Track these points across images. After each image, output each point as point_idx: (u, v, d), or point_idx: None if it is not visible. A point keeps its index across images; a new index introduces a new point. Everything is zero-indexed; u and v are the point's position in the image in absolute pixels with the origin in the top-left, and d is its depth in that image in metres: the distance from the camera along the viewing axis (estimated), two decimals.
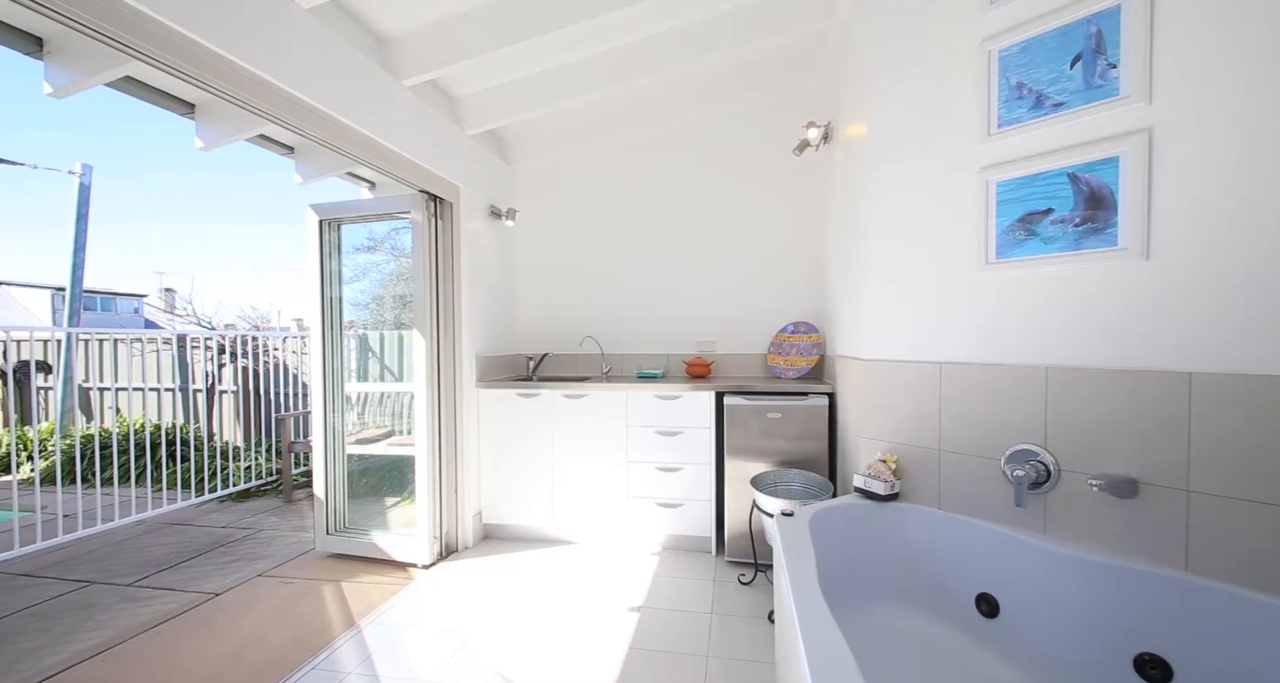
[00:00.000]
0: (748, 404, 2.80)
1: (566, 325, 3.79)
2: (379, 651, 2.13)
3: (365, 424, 3.61)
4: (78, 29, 1.46)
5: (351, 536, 3.10)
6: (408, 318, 3.44)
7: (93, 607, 2.53)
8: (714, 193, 3.56)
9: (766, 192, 3.46)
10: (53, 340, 6.37)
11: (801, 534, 1.70)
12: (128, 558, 3.12)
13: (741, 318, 3.51)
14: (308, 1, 2.00)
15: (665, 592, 2.58)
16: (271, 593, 2.64)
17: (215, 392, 5.64)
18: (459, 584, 2.71)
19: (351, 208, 3.14)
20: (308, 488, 4.48)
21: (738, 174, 3.51)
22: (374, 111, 2.44)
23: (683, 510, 2.99)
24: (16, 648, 2.18)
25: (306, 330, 5.88)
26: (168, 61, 1.65)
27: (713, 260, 3.56)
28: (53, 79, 2.09)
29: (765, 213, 3.47)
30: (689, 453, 2.97)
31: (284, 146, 3.25)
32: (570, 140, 3.70)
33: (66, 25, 1.44)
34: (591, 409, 3.09)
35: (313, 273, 3.15)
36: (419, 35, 2.52)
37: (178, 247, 39.30)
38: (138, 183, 40.87)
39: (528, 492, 3.21)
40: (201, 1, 1.69)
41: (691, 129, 3.58)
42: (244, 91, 1.89)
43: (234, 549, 3.24)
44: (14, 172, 6.11)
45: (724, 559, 2.90)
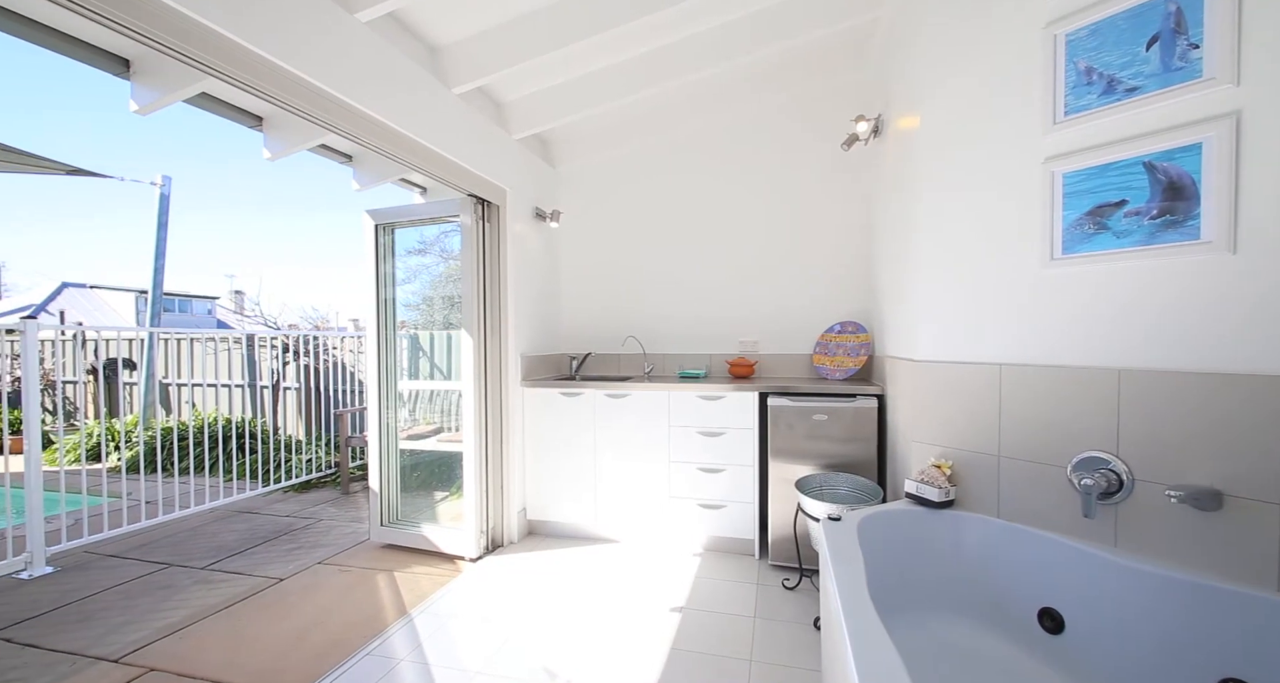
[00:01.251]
0: (792, 405, 2.75)
1: (609, 325, 3.82)
2: (429, 639, 2.21)
3: (416, 421, 3.75)
4: (161, 50, 1.57)
5: (403, 527, 3.22)
6: (456, 318, 3.55)
7: (171, 587, 2.72)
8: (757, 190, 3.51)
9: (812, 188, 3.39)
10: (137, 340, 6.89)
11: (849, 540, 1.65)
12: (202, 543, 3.34)
13: (785, 318, 3.45)
14: (366, 15, 2.09)
15: (707, 593, 2.57)
16: (330, 580, 2.78)
17: (280, 388, 5.97)
18: (504, 578, 2.77)
19: (404, 212, 3.26)
20: (363, 481, 4.68)
21: (781, 171, 3.45)
22: (426, 119, 2.52)
23: (725, 512, 2.96)
24: (106, 623, 2.37)
25: (362, 330, 6.15)
26: (240, 77, 1.76)
27: (756, 259, 3.51)
28: (138, 98, 2.26)
29: (811, 210, 3.40)
30: (731, 454, 2.94)
31: (343, 155, 3.41)
32: (612, 141, 3.73)
33: (151, 47, 1.56)
34: (633, 409, 3.10)
35: (368, 276, 3.29)
36: (467, 44, 2.60)
37: (247, 251, 42.25)
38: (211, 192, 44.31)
39: (571, 490, 3.25)
40: (270, 19, 1.79)
41: (733, 127, 3.54)
42: (308, 104, 1.99)
43: (296, 537, 3.42)
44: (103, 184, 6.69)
45: (767, 563, 2.86)
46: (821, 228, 3.37)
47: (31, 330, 3.00)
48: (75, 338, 6.69)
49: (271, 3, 1.80)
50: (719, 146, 3.58)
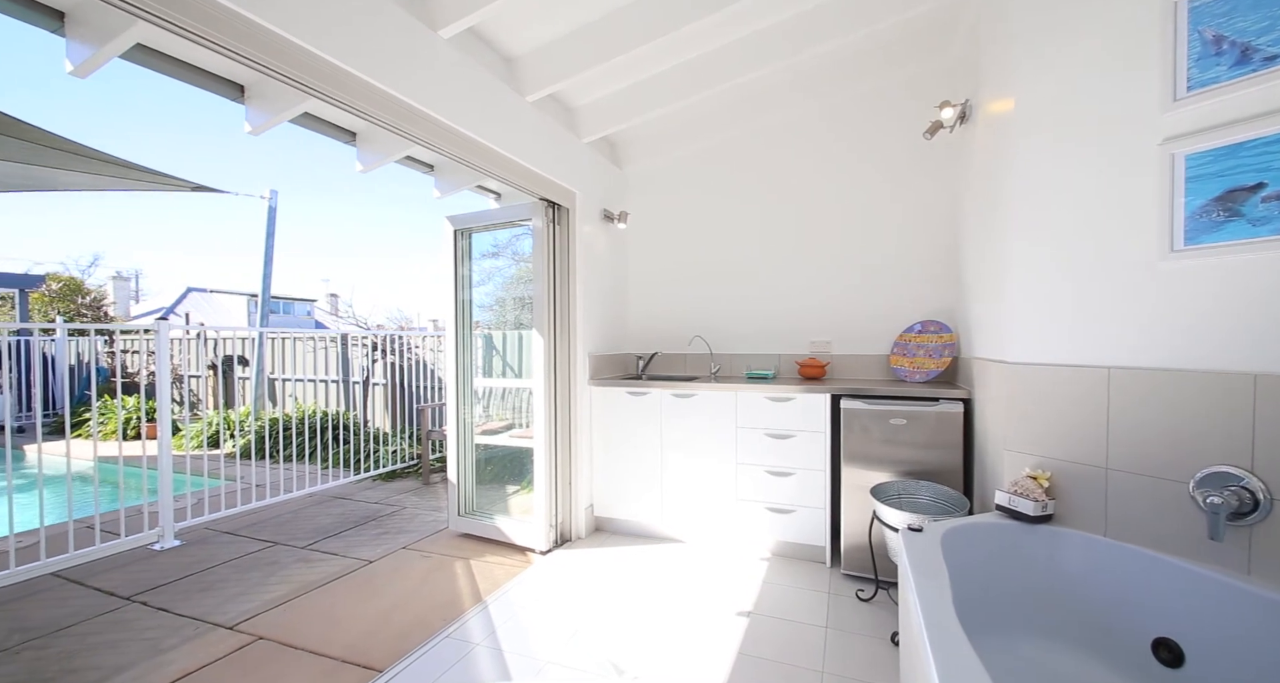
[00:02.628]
0: (867, 409, 2.63)
1: (675, 325, 3.82)
2: (503, 626, 2.30)
3: (490, 417, 3.92)
4: (271, 75, 1.74)
5: (478, 518, 3.37)
6: (526, 319, 3.68)
7: (276, 564, 2.99)
8: (829, 185, 3.39)
9: (889, 181, 3.23)
10: (249, 339, 7.63)
11: (932, 553, 1.56)
12: (302, 524, 3.65)
13: (860, 317, 3.31)
14: (448, 32, 2.21)
15: (775, 599, 2.51)
16: (413, 564, 2.95)
17: (369, 384, 6.42)
18: (573, 572, 2.83)
19: (480, 218, 3.41)
20: (442, 472, 4.94)
21: (856, 164, 3.31)
22: (502, 127, 2.63)
23: (794, 517, 2.88)
24: (222, 593, 2.64)
25: (441, 330, 6.50)
26: (338, 96, 1.91)
27: (829, 256, 3.39)
28: (251, 119, 2.50)
29: (888, 203, 3.24)
30: (801, 457, 2.85)
31: (425, 165, 3.62)
32: (679, 141, 3.72)
33: (264, 73, 1.72)
34: (700, 409, 3.09)
35: (447, 278, 3.47)
36: (539, 52, 2.68)
37: (340, 256, 46.16)
38: (310, 203, 48.72)
39: (636, 488, 3.28)
40: (365, 41, 1.93)
41: (805, 120, 3.44)
42: (397, 118, 2.12)
43: (383, 523, 3.66)
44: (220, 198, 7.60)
45: (839, 571, 2.75)
46: (900, 222, 3.21)
47: (164, 331, 3.39)
48: (198, 337, 7.50)
49: (366, 26, 1.93)
50: (789, 141, 3.49)
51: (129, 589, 2.67)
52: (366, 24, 1.94)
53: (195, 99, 57.65)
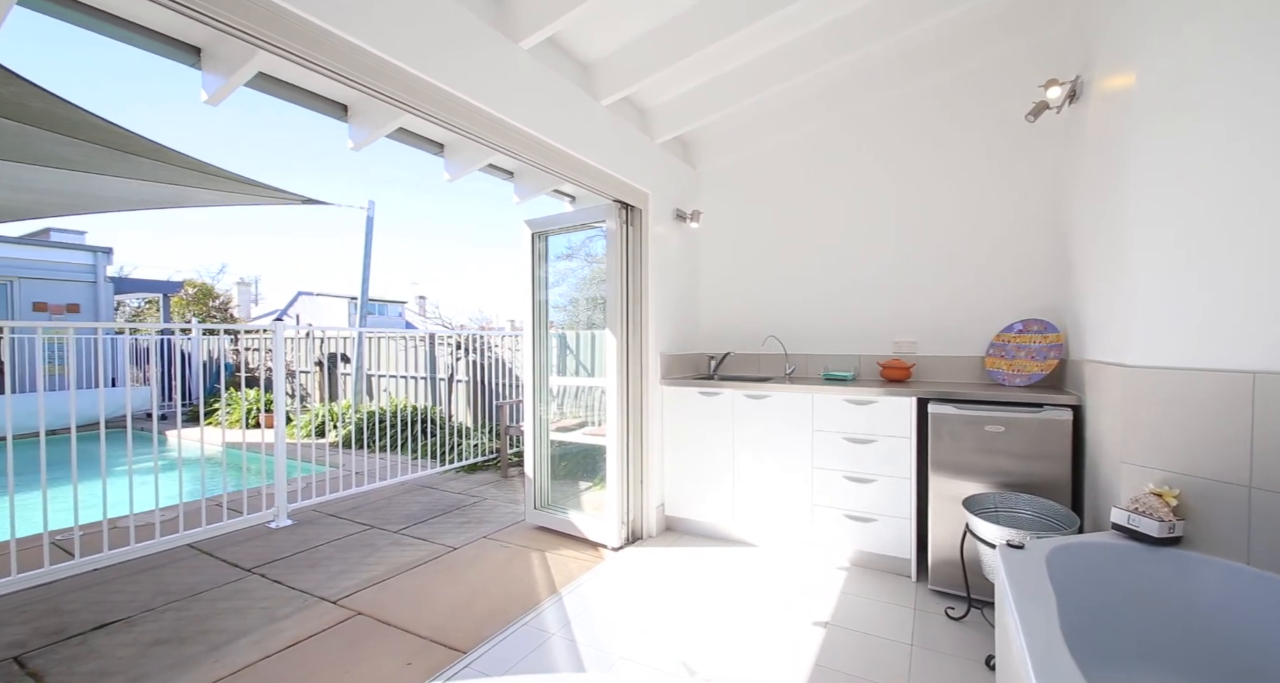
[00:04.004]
0: (959, 414, 2.46)
1: (748, 325, 3.74)
2: (576, 619, 2.35)
3: (563, 414, 4.03)
4: (372, 94, 1.87)
5: (553, 512, 3.48)
6: (598, 319, 3.75)
7: (372, 546, 3.23)
8: (915, 176, 3.19)
9: (984, 169, 3.00)
10: (350, 338, 8.29)
11: (1036, 573, 1.43)
12: (395, 511, 3.92)
13: (950, 316, 3.09)
14: (528, 43, 2.29)
15: (855, 611, 2.40)
16: (493, 553, 3.09)
17: (453, 381, 6.80)
18: (644, 570, 2.85)
19: (556, 221, 3.52)
20: (519, 466, 5.14)
21: (945, 153, 3.10)
22: (578, 132, 2.69)
23: (876, 526, 2.74)
24: (327, 570, 2.89)
25: (519, 330, 6.76)
26: (431, 112, 2.03)
27: (914, 252, 3.20)
28: (354, 136, 2.72)
29: (983, 193, 3.00)
30: (883, 464, 2.71)
31: (506, 172, 3.78)
32: (753, 136, 3.65)
33: (364, 92, 1.86)
34: (774, 411, 3.01)
35: (524, 280, 3.60)
36: (614, 57, 2.72)
37: (427, 260, 49.50)
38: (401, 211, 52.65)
39: (708, 489, 3.25)
40: (454, 58, 2.04)
41: (885, 110, 3.26)
42: (482, 129, 2.23)
43: (466, 513, 3.86)
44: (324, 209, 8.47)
45: (925, 586, 2.59)
46: (996, 214, 2.97)
47: (279, 331, 3.76)
48: (307, 336, 8.26)
49: (456, 44, 2.04)
50: (870, 131, 3.32)
51: (250, 562, 2.99)
52: (456, 42, 2.05)
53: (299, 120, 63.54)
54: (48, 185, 3.55)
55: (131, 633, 2.25)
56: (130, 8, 1.92)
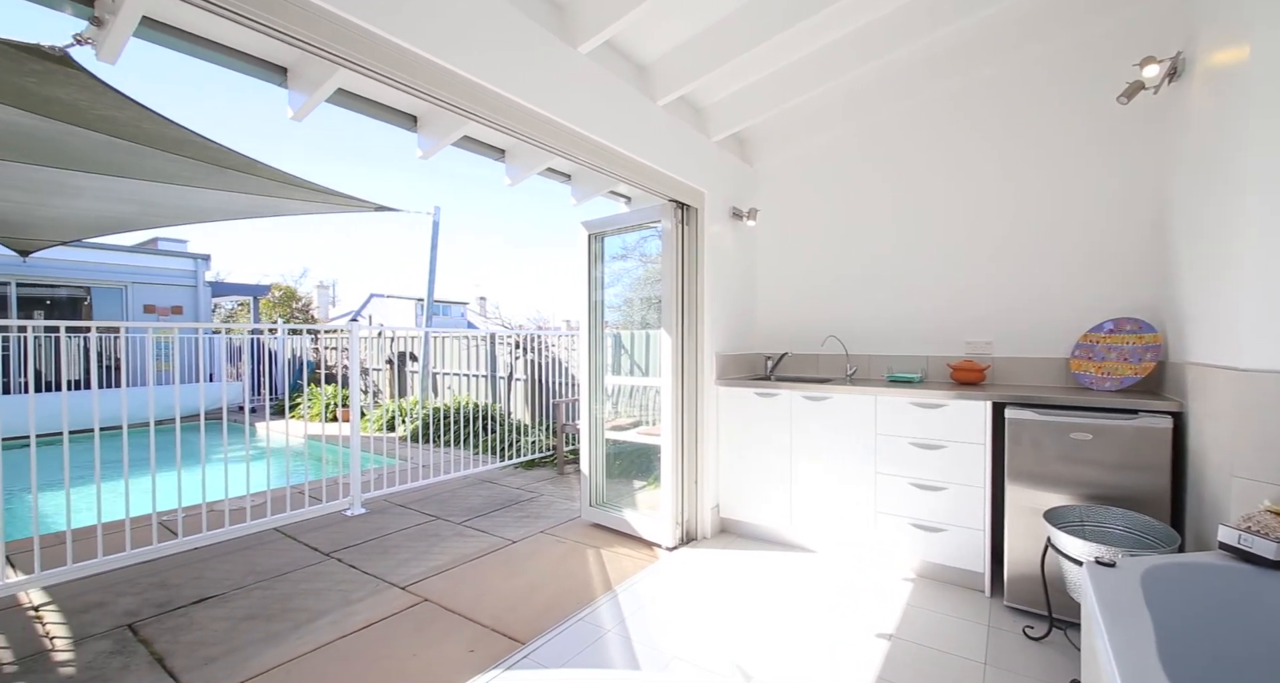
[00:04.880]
0: (1040, 420, 2.29)
1: (807, 324, 3.65)
2: (631, 616, 2.37)
3: (618, 413, 4.06)
4: (440, 104, 1.96)
5: (608, 510, 3.51)
6: (652, 319, 3.75)
7: (437, 536, 3.38)
8: (988, 167, 3.01)
9: (1070, 157, 2.78)
10: (417, 338, 8.70)
11: (1130, 595, 1.32)
12: (458, 503, 4.08)
13: (1029, 314, 2.89)
14: (586, 47, 2.33)
15: (922, 625, 2.28)
16: (550, 548, 3.16)
17: (512, 379, 7.01)
18: (699, 571, 2.83)
19: (612, 222, 3.55)
20: (575, 464, 5.23)
21: (1020, 140, 2.90)
22: (635, 133, 2.71)
23: (945, 537, 2.60)
24: (396, 557, 3.05)
25: (575, 330, 6.87)
26: (495, 119, 2.11)
27: (990, 246, 3.01)
28: (423, 145, 2.85)
29: (1068, 184, 2.79)
30: (954, 471, 2.57)
31: (563, 175, 3.86)
32: (814, 129, 3.54)
33: (433, 103, 1.95)
34: (834, 413, 2.91)
35: (580, 281, 3.66)
36: (669, 57, 2.72)
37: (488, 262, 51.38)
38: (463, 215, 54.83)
39: (764, 492, 3.19)
40: (516, 66, 2.10)
41: (952, 98, 3.08)
42: (541, 133, 2.29)
43: (524, 507, 3.96)
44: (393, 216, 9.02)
45: (1001, 602, 2.43)
46: (1084, 204, 2.75)
47: (354, 331, 3.99)
48: (379, 336, 8.74)
49: (518, 52, 2.10)
50: (937, 121, 3.16)
51: (328, 547, 3.19)
52: (519, 50, 2.11)
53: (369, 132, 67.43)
54: (157, 198, 3.92)
55: (226, 608, 2.46)
56: (231, 35, 2.10)
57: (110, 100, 2.23)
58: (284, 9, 1.49)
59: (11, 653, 2.09)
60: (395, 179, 60.44)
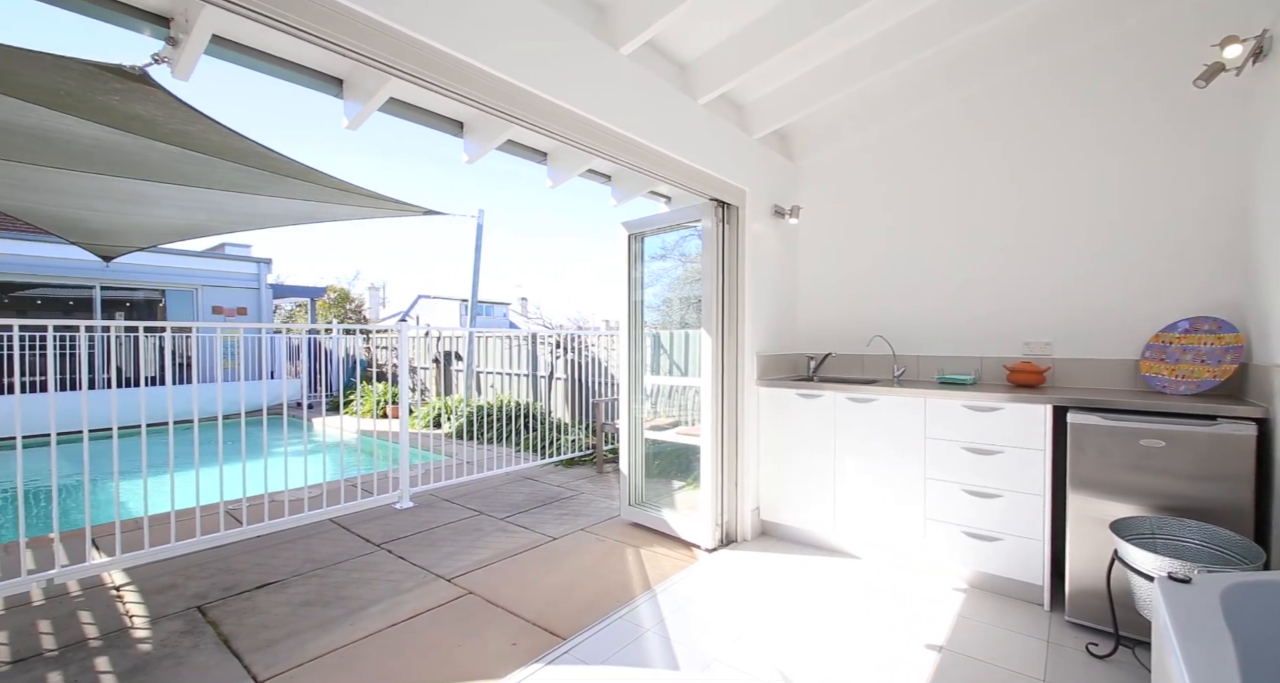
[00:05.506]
0: (1107, 425, 2.16)
1: (852, 324, 3.55)
2: (670, 617, 2.36)
3: (657, 413, 4.06)
4: (486, 110, 2.01)
5: (647, 510, 3.52)
6: (691, 318, 3.74)
7: (481, 531, 3.46)
8: (1047, 157, 2.85)
9: (1141, 145, 2.61)
10: (462, 337, 8.94)
11: (1207, 613, 1.22)
12: (500, 499, 4.17)
13: (1094, 313, 2.73)
14: (628, 48, 2.34)
15: (974, 638, 2.19)
16: (590, 546, 3.19)
17: (552, 378, 7.11)
18: (739, 573, 2.80)
19: (652, 222, 3.56)
20: (614, 463, 5.26)
21: (1085, 127, 2.74)
22: (675, 132, 2.70)
23: (1000, 546, 2.48)
24: (442, 550, 3.14)
25: (614, 330, 6.92)
26: (538, 123, 2.14)
27: (1050, 241, 2.86)
28: (469, 150, 2.93)
29: (1136, 173, 2.62)
30: (1010, 478, 2.45)
31: (604, 176, 3.88)
32: (860, 125, 3.45)
33: (479, 109, 2.00)
34: (880, 415, 2.83)
35: (620, 281, 3.68)
36: (710, 55, 2.70)
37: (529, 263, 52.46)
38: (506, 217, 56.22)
39: (806, 495, 3.12)
40: (559, 70, 2.13)
41: (1009, 87, 2.94)
42: (584, 135, 2.31)
43: (564, 505, 4.02)
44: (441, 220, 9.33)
45: (1061, 617, 2.30)
46: (1158, 194, 2.58)
47: (404, 331, 4.14)
48: (426, 336, 9.03)
49: (561, 56, 2.13)
50: (997, 110, 3.02)
51: (379, 538, 3.32)
52: (561, 53, 2.14)
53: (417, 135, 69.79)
54: (224, 206, 4.17)
55: (285, 593, 2.59)
56: (292, 49, 2.21)
57: (183, 115, 2.39)
58: (342, 23, 1.56)
59: (97, 629, 2.27)
60: (438, 179, 62.35)
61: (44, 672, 1.97)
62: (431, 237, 53.77)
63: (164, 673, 1.98)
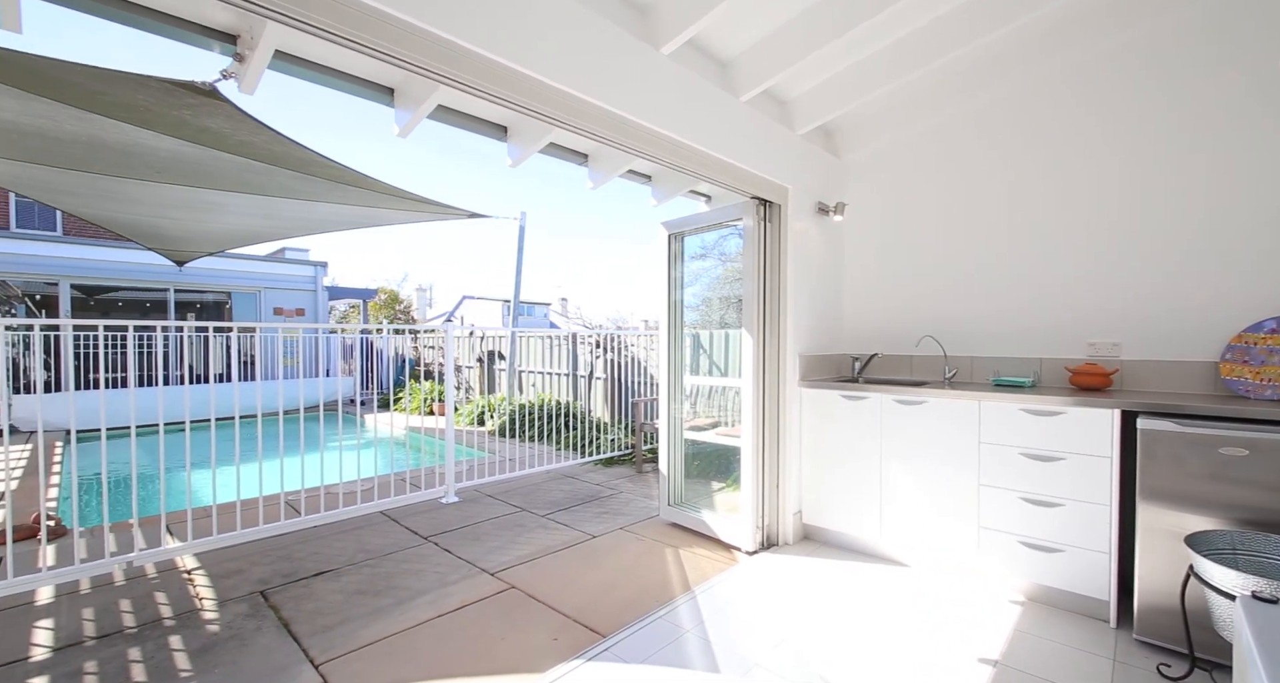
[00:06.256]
0: (1181, 431, 2.02)
1: (900, 324, 3.44)
2: (710, 619, 2.35)
3: (696, 413, 4.04)
4: (530, 114, 2.04)
5: (686, 510, 3.50)
6: (731, 318, 3.70)
7: (523, 527, 3.53)
8: (1112, 147, 2.68)
9: (1220, 133, 2.43)
10: (504, 337, 9.13)
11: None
12: (542, 496, 4.24)
13: (1167, 311, 2.55)
14: (669, 48, 2.33)
15: (1032, 654, 2.08)
16: (629, 545, 3.20)
17: (592, 378, 7.17)
18: (781, 577, 2.75)
19: (692, 221, 3.54)
20: (653, 463, 5.27)
21: (1163, 116, 2.56)
22: (716, 130, 2.68)
23: (1062, 558, 2.35)
24: (486, 544, 3.21)
25: (653, 329, 6.93)
26: (580, 125, 2.17)
27: (1120, 236, 2.69)
28: (512, 154, 2.99)
29: (1213, 159, 2.44)
30: (1073, 486, 2.32)
31: (643, 176, 3.89)
32: (908, 118, 3.33)
33: (522, 112, 2.04)
34: (930, 418, 2.73)
35: (660, 281, 3.68)
36: (752, 52, 2.67)
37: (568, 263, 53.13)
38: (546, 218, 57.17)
39: (850, 499, 3.04)
40: (600, 71, 2.14)
41: (1083, 71, 2.78)
42: (625, 137, 2.33)
43: (604, 504, 4.05)
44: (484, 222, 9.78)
45: (1129, 635, 2.17)
46: (1235, 184, 2.39)
47: (450, 331, 4.26)
48: (470, 336, 9.27)
49: (603, 57, 2.15)
50: (1060, 98, 2.86)
51: (426, 531, 3.43)
52: (603, 55, 2.16)
53: (462, 140, 71.74)
54: (285, 212, 4.40)
55: (339, 582, 2.71)
56: (347, 61, 2.31)
57: (248, 127, 2.53)
58: (398, 36, 1.62)
59: (170, 609, 2.43)
60: (481, 181, 63.90)
61: (125, 647, 2.13)
62: (475, 238, 55.16)
63: (230, 653, 2.10)
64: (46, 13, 2.72)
